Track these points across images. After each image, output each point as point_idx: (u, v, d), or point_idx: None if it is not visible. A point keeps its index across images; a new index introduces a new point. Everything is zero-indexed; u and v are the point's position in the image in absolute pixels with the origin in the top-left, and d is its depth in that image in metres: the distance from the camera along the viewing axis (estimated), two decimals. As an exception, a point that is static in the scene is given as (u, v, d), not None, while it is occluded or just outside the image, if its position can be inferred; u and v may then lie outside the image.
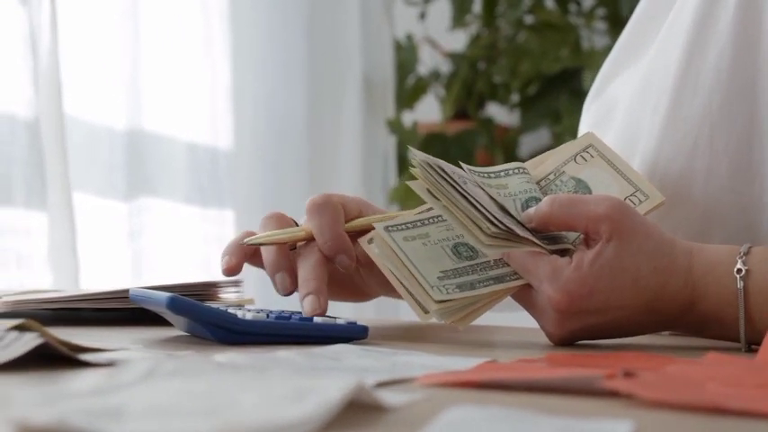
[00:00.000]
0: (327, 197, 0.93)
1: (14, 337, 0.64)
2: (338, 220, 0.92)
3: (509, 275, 0.85)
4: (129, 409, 0.44)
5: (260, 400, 0.45)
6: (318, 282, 0.90)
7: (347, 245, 0.92)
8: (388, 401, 0.51)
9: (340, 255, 0.91)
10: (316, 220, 0.92)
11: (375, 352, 0.74)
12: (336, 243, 0.91)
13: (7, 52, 1.47)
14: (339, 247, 0.91)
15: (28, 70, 1.49)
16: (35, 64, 1.49)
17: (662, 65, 1.00)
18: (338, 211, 0.93)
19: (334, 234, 0.91)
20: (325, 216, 0.92)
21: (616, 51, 1.15)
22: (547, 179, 0.92)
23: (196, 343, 0.81)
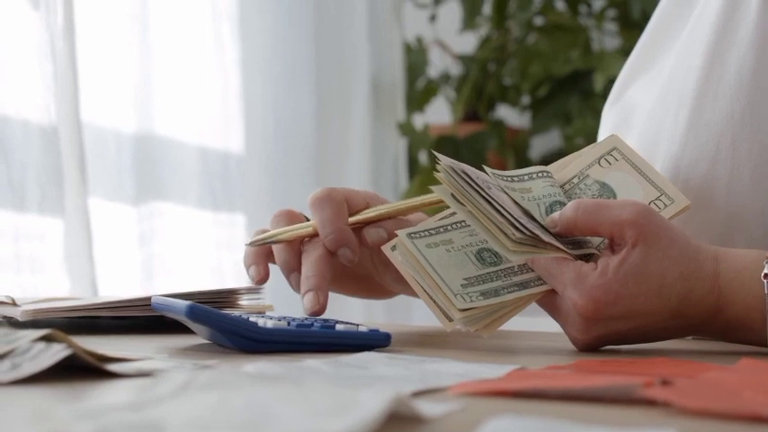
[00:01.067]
0: (329, 191, 0.94)
1: (41, 348, 0.63)
2: (340, 213, 0.93)
3: (533, 281, 0.84)
4: (169, 423, 0.43)
5: (301, 414, 0.45)
6: (319, 278, 0.91)
7: (349, 238, 0.92)
8: (426, 413, 0.50)
9: (343, 248, 0.92)
10: (318, 215, 0.92)
11: (402, 360, 0.73)
12: (338, 236, 0.92)
13: (23, 58, 1.47)
14: (341, 241, 0.92)
15: (44, 76, 1.48)
16: (53, 69, 1.48)
17: (683, 70, 0.99)
18: (340, 205, 0.93)
19: (335, 228, 0.92)
20: (326, 210, 0.92)
21: (634, 57, 1.15)
22: (571, 183, 0.91)
23: (219, 352, 0.80)
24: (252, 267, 0.94)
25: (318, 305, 0.89)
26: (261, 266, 0.94)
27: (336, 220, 0.92)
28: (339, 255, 0.92)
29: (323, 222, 0.92)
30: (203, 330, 0.83)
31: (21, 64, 1.47)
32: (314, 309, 0.88)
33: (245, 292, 0.99)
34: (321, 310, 0.89)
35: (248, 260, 0.95)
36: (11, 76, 1.46)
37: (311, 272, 0.90)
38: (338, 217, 0.92)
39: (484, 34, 2.55)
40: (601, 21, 2.47)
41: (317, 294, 0.89)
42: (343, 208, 0.93)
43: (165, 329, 0.96)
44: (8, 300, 0.98)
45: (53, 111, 1.49)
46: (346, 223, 0.93)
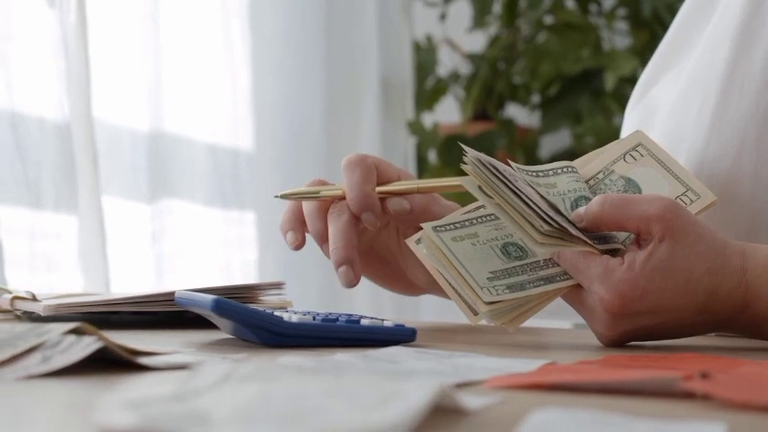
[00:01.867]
0: (363, 156, 0.95)
1: (72, 341, 0.63)
2: (369, 178, 0.93)
3: (559, 276, 0.83)
4: (214, 414, 0.43)
5: (347, 406, 0.44)
6: (347, 249, 0.92)
7: (374, 203, 0.93)
8: (468, 405, 0.49)
9: (366, 212, 0.93)
10: (347, 178, 0.93)
11: (431, 354, 0.72)
12: (363, 200, 0.93)
13: (38, 55, 1.47)
14: (365, 204, 0.93)
15: (58, 73, 1.48)
16: (67, 67, 1.48)
17: (707, 66, 0.99)
18: (370, 171, 0.94)
19: (361, 191, 0.93)
20: (356, 173, 0.93)
21: (657, 57, 1.15)
22: (595, 178, 0.90)
23: (244, 346, 0.80)
24: (289, 233, 0.95)
25: (354, 278, 0.90)
26: (298, 233, 0.95)
27: (364, 183, 0.93)
28: (363, 219, 0.92)
29: (350, 185, 0.93)
30: (227, 325, 0.83)
31: (36, 61, 1.46)
32: (350, 283, 0.89)
33: (266, 288, 0.98)
34: (356, 281, 0.89)
35: (285, 226, 0.96)
36: (26, 74, 1.46)
37: (339, 242, 0.91)
38: (366, 181, 0.93)
39: (493, 33, 2.54)
40: (611, 20, 2.46)
41: (349, 268, 0.90)
42: (372, 174, 0.94)
43: (185, 325, 0.95)
44: (28, 295, 0.97)
45: (67, 108, 1.49)
46: (373, 189, 0.93)
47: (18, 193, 1.43)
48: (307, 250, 2.01)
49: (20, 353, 0.62)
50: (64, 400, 0.55)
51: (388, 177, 0.95)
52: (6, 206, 1.40)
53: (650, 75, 1.15)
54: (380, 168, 0.95)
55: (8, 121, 1.42)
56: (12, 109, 1.43)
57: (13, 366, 0.60)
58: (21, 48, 1.45)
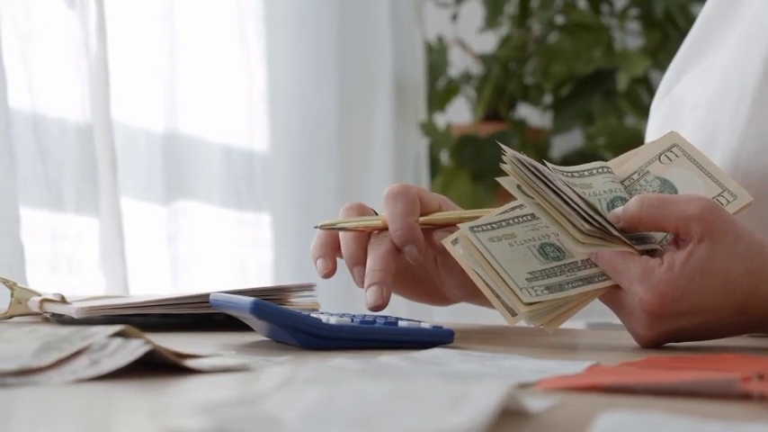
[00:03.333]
0: (406, 187, 0.93)
1: (118, 344, 0.62)
2: (412, 210, 0.91)
3: (597, 276, 0.83)
4: (284, 417, 0.42)
5: (417, 409, 0.43)
6: (384, 273, 0.90)
7: (417, 236, 0.91)
8: (532, 407, 0.49)
9: (409, 245, 0.91)
10: (390, 209, 0.91)
11: (474, 356, 0.72)
12: (407, 232, 0.91)
13: (59, 56, 1.46)
14: (409, 237, 0.91)
15: (80, 74, 1.47)
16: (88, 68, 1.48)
17: (744, 62, 0.98)
18: (413, 202, 0.92)
19: (405, 224, 0.91)
20: (399, 205, 0.91)
21: (681, 54, 1.15)
22: (630, 179, 0.90)
23: (282, 348, 0.79)
24: (320, 260, 0.93)
25: (381, 300, 0.88)
26: (329, 259, 0.93)
27: (407, 216, 0.91)
28: (405, 252, 0.91)
29: (394, 217, 0.91)
30: (263, 327, 0.82)
31: (57, 62, 1.46)
32: (377, 303, 0.87)
33: (296, 290, 0.98)
34: (384, 304, 0.88)
35: (317, 252, 0.94)
36: (48, 75, 1.45)
37: (377, 266, 0.89)
38: (409, 213, 0.91)
39: (504, 33, 2.53)
40: (623, 20, 2.46)
41: (380, 288, 0.88)
42: (416, 205, 0.92)
43: (214, 327, 0.95)
44: (57, 297, 0.97)
45: (88, 109, 1.48)
46: (417, 221, 0.91)
47: (40, 194, 1.42)
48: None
49: (66, 356, 0.61)
50: (123, 403, 0.54)
51: (429, 207, 0.93)
52: (28, 208, 1.39)
53: (674, 72, 1.15)
54: (423, 198, 0.93)
55: (30, 122, 1.41)
56: (33, 110, 1.43)
57: (60, 370, 0.60)
58: (42, 48, 1.45)
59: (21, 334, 0.66)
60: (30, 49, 1.43)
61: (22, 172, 1.39)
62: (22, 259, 1.33)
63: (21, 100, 1.41)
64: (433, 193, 0.95)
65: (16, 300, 0.97)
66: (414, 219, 0.91)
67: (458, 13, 2.52)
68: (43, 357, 0.61)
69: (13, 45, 1.40)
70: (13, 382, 0.57)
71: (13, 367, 0.59)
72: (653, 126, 1.13)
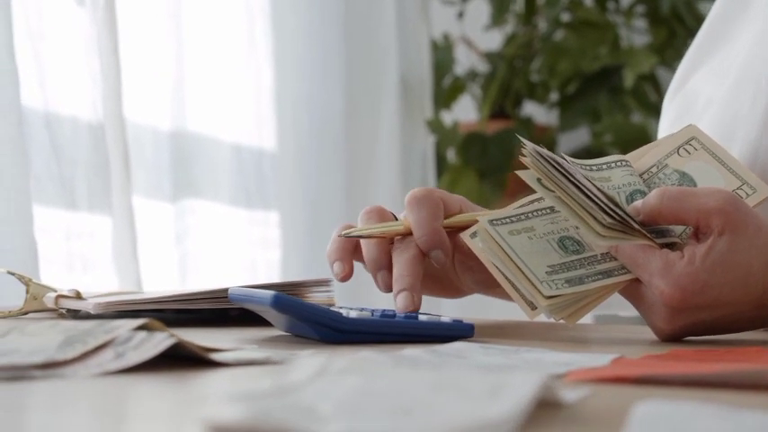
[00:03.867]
0: (429, 191, 0.92)
1: (143, 337, 0.62)
2: (437, 214, 0.91)
3: (617, 270, 0.82)
4: (321, 407, 0.42)
5: (455, 398, 0.43)
6: (413, 278, 0.89)
7: (443, 240, 0.90)
8: (566, 398, 0.49)
9: (435, 250, 0.90)
10: (414, 214, 0.90)
11: (497, 349, 0.71)
12: (433, 238, 0.90)
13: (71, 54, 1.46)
14: (435, 242, 0.90)
15: (92, 72, 1.47)
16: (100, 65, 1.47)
17: (762, 55, 0.98)
18: (438, 206, 0.91)
19: (431, 229, 0.90)
20: (423, 210, 0.90)
21: (693, 50, 1.14)
22: (649, 172, 0.89)
23: (302, 342, 0.79)
24: (336, 263, 0.92)
25: (413, 305, 0.87)
26: (346, 263, 0.92)
27: (432, 220, 0.90)
28: (432, 256, 0.90)
29: (419, 222, 0.90)
30: (283, 321, 0.82)
31: (69, 60, 1.46)
32: (408, 309, 0.87)
33: (312, 285, 0.97)
34: (415, 310, 0.87)
35: (333, 255, 0.93)
36: (60, 73, 1.45)
37: (405, 271, 0.88)
38: (434, 218, 0.90)
39: (510, 31, 2.53)
40: (630, 17, 2.45)
41: (411, 294, 0.87)
42: (440, 209, 0.91)
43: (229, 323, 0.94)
44: (72, 293, 0.96)
45: (100, 108, 1.48)
46: (441, 225, 0.91)
47: (54, 192, 1.42)
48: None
49: (91, 349, 0.61)
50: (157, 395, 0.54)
51: (452, 210, 0.92)
52: (42, 206, 1.39)
53: (686, 68, 1.15)
54: (445, 201, 0.92)
55: (43, 120, 1.41)
56: (46, 108, 1.42)
57: (86, 363, 0.59)
58: (54, 46, 1.44)
59: (43, 328, 0.66)
60: (42, 47, 1.43)
61: (35, 170, 1.38)
62: (35, 257, 1.32)
63: (33, 98, 1.41)
64: (454, 195, 0.94)
65: (32, 296, 0.97)
66: (438, 223, 0.90)
67: (464, 10, 2.52)
68: (68, 351, 0.60)
69: (26, 43, 1.40)
70: (39, 375, 0.57)
71: (38, 360, 0.59)
72: (665, 122, 1.12)
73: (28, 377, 0.57)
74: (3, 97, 1.31)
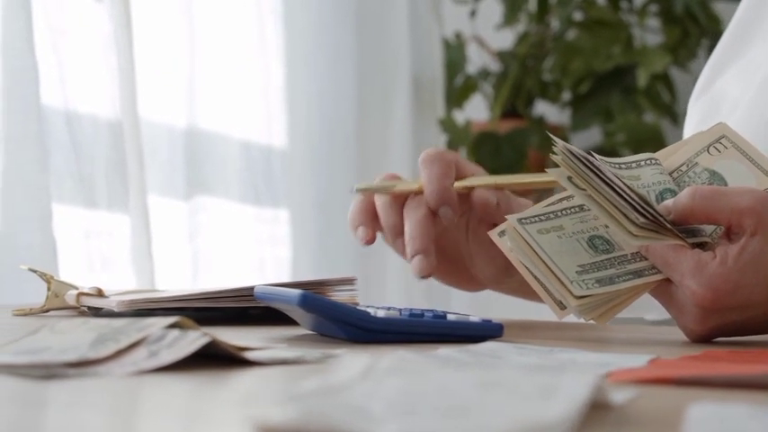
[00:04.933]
0: (442, 151, 0.94)
1: (176, 335, 0.61)
2: (448, 173, 0.92)
3: (647, 270, 0.81)
4: (372, 407, 0.41)
5: (506, 399, 0.42)
6: (425, 240, 0.90)
7: (452, 198, 0.91)
8: (614, 399, 0.48)
9: (444, 206, 0.91)
10: (426, 171, 0.92)
11: (530, 349, 0.70)
12: (441, 194, 0.91)
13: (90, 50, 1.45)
14: (443, 199, 0.91)
15: (110, 69, 1.46)
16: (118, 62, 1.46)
17: None
18: (449, 165, 0.92)
19: (440, 186, 0.91)
20: (435, 167, 0.92)
21: (719, 52, 1.14)
22: (679, 171, 0.88)
23: (330, 342, 0.78)
24: (360, 228, 0.93)
25: (428, 268, 0.87)
26: (369, 228, 0.93)
27: (443, 178, 0.91)
28: (441, 214, 0.91)
29: (429, 178, 0.91)
30: (309, 320, 0.81)
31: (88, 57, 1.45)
32: (423, 273, 0.87)
33: (335, 284, 0.96)
34: (431, 271, 0.87)
35: (356, 219, 0.93)
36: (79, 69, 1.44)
37: (416, 232, 0.89)
38: (445, 176, 0.91)
39: (521, 30, 2.52)
40: (643, 16, 2.44)
41: (425, 258, 0.88)
42: (452, 169, 0.92)
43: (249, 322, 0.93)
44: (93, 291, 0.96)
45: (118, 105, 1.47)
46: (452, 184, 0.91)
47: (73, 190, 1.41)
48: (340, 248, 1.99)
49: (123, 348, 0.60)
50: (203, 395, 0.53)
51: (464, 172, 0.94)
52: (61, 204, 1.38)
53: (713, 69, 1.14)
54: (458, 164, 0.93)
55: (63, 117, 1.40)
56: (65, 105, 1.42)
57: (120, 361, 0.59)
58: (73, 43, 1.44)
59: (74, 326, 0.65)
60: (61, 43, 1.42)
61: (54, 167, 1.38)
62: (54, 255, 1.31)
63: (54, 95, 1.40)
64: (469, 162, 0.95)
65: (53, 293, 0.96)
66: (449, 182, 0.92)
67: (476, 9, 2.51)
68: (101, 349, 0.60)
69: (45, 40, 1.39)
70: (73, 374, 0.56)
71: (71, 358, 0.58)
72: (690, 124, 1.12)
73: (61, 375, 0.56)
74: (23, 94, 1.31)
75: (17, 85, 1.32)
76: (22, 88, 1.32)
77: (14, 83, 1.32)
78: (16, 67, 1.32)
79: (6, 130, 1.31)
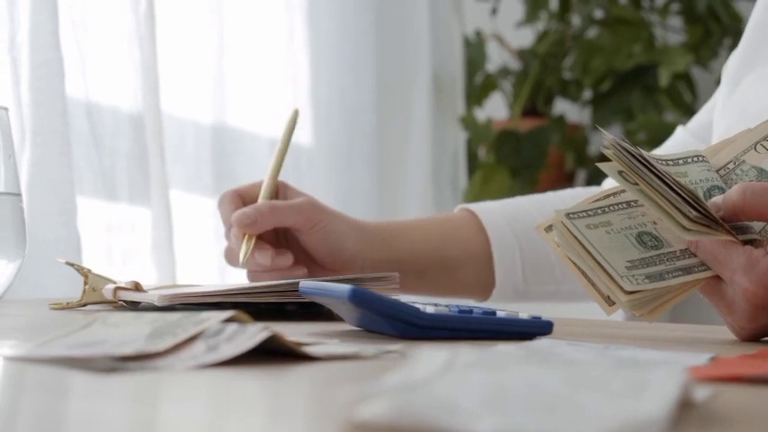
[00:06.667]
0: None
1: (235, 329, 0.60)
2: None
3: (697, 266, 0.81)
4: (461, 403, 0.40)
5: (598, 395, 0.41)
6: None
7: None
8: (697, 397, 0.47)
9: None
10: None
11: (586, 346, 0.69)
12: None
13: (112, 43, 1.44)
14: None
15: (133, 61, 1.45)
16: (140, 56, 1.46)
17: None
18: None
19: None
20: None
21: (740, 55, 1.13)
22: (726, 168, 0.87)
23: (380, 338, 0.77)
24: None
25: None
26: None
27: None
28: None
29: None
30: (355, 315, 0.80)
31: (110, 50, 1.44)
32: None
33: (374, 279, 0.96)
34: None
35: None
36: (101, 62, 1.43)
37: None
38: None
39: (541, 28, 2.51)
40: (665, 15, 2.43)
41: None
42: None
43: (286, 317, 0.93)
44: (130, 285, 0.95)
45: (140, 99, 1.46)
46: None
47: (94, 183, 1.40)
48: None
49: (181, 341, 0.59)
50: (287, 390, 0.52)
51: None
52: (82, 197, 1.37)
53: (735, 73, 1.13)
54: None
55: (84, 109, 1.39)
56: (87, 98, 1.41)
57: (179, 355, 0.58)
58: (95, 35, 1.43)
59: (126, 319, 0.64)
60: (83, 36, 1.41)
61: (75, 160, 1.37)
62: (78, 249, 1.31)
63: (76, 88, 1.39)
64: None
65: (91, 287, 0.95)
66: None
67: (497, 7, 2.50)
68: (158, 342, 0.59)
69: (68, 32, 1.39)
70: (134, 367, 0.55)
71: (129, 351, 0.57)
72: (721, 128, 1.11)
73: (122, 369, 0.55)
74: (49, 87, 1.30)
75: (43, 78, 1.31)
76: (47, 82, 1.31)
77: (40, 76, 1.31)
78: (42, 61, 1.31)
79: (32, 124, 1.30)
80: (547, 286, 1.21)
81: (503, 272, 1.19)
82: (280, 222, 1.07)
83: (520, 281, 1.20)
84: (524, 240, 1.20)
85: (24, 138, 1.29)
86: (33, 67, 1.31)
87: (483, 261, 1.19)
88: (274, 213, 1.06)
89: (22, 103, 1.30)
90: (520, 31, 2.53)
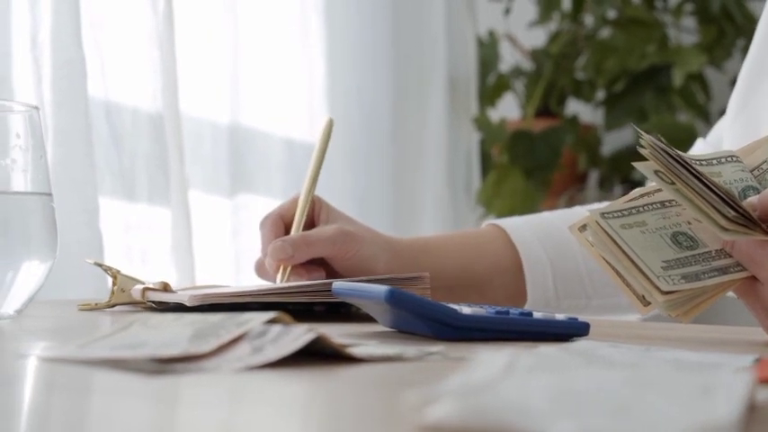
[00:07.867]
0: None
1: (279, 331, 0.59)
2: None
3: (732, 267, 0.80)
4: (531, 405, 0.40)
5: (666, 398, 0.41)
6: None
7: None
8: (759, 398, 0.46)
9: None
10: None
11: (626, 348, 0.69)
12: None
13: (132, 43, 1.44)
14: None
15: (152, 62, 1.45)
16: (160, 56, 1.45)
17: None
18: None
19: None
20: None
21: (748, 66, 1.13)
22: (759, 169, 0.87)
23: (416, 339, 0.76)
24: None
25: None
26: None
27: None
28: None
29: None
30: (390, 316, 0.79)
31: (130, 49, 1.44)
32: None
33: (405, 280, 0.95)
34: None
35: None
36: (120, 62, 1.43)
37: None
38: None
39: (554, 29, 2.50)
40: (678, 15, 2.42)
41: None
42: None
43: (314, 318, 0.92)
44: (159, 286, 0.94)
45: (159, 99, 1.46)
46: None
47: (114, 183, 1.40)
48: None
49: (225, 343, 0.58)
50: (345, 393, 0.52)
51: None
52: (103, 197, 1.37)
53: (745, 85, 1.13)
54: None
55: (104, 110, 1.39)
56: (107, 98, 1.40)
57: (222, 357, 0.57)
58: (115, 35, 1.42)
59: (167, 320, 0.63)
60: (103, 36, 1.41)
61: (96, 160, 1.36)
62: (100, 249, 1.30)
63: (96, 88, 1.39)
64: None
65: (119, 288, 0.95)
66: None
67: (510, 7, 2.49)
68: (202, 344, 0.58)
69: (88, 32, 1.38)
70: (180, 369, 0.55)
71: (175, 353, 0.57)
72: (731, 141, 1.11)
73: (169, 371, 0.54)
74: (71, 87, 1.29)
75: (65, 78, 1.31)
76: (69, 81, 1.31)
77: (62, 76, 1.31)
78: (64, 60, 1.31)
79: (55, 123, 1.30)
80: (578, 300, 1.20)
81: (534, 286, 1.19)
82: (314, 255, 1.07)
83: (551, 295, 1.19)
84: (554, 254, 1.19)
85: (47, 137, 1.29)
86: (55, 66, 1.31)
87: (511, 275, 1.19)
88: (310, 248, 1.07)
89: (45, 102, 1.30)
90: (533, 31, 2.52)
